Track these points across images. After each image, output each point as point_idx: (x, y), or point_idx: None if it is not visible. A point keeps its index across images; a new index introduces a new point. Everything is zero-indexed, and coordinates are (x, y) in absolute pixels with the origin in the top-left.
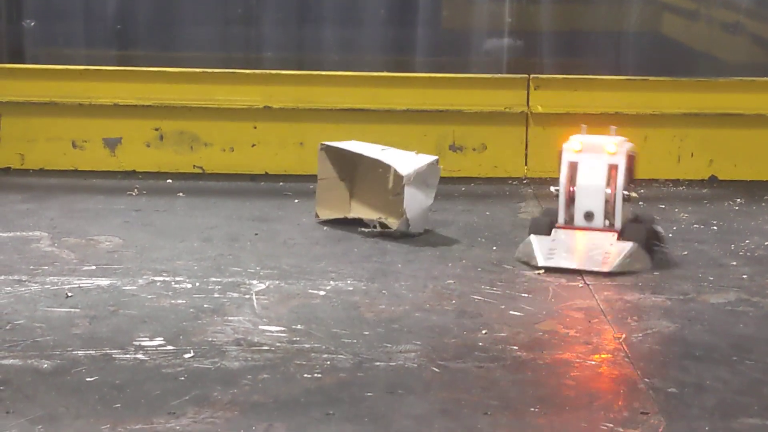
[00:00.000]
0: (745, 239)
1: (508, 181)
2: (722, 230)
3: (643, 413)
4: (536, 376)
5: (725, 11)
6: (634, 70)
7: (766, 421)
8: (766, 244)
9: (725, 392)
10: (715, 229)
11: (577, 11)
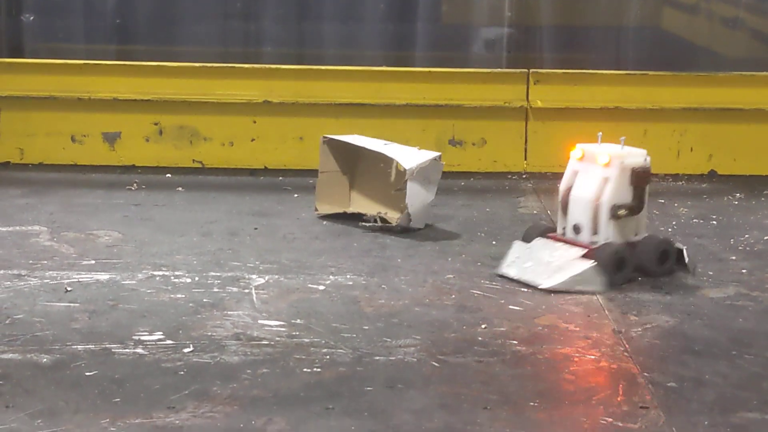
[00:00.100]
0: (744, 234)
1: (507, 175)
2: (722, 225)
3: (642, 407)
4: (536, 370)
5: (725, 6)
6: (633, 64)
7: (765, 415)
8: (765, 238)
9: (725, 387)
10: (714, 223)
11: (576, 6)
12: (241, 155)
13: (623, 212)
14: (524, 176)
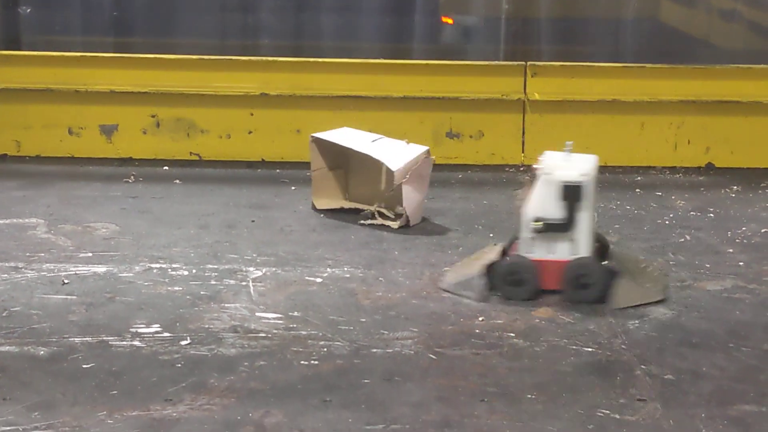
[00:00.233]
0: (741, 226)
1: (505, 168)
2: (719, 217)
3: (639, 400)
4: (533, 362)
5: None
6: (631, 57)
7: (762, 407)
8: (762, 231)
9: (721, 379)
10: (711, 216)
11: None
12: (238, 148)
13: (538, 226)
14: (522, 169)
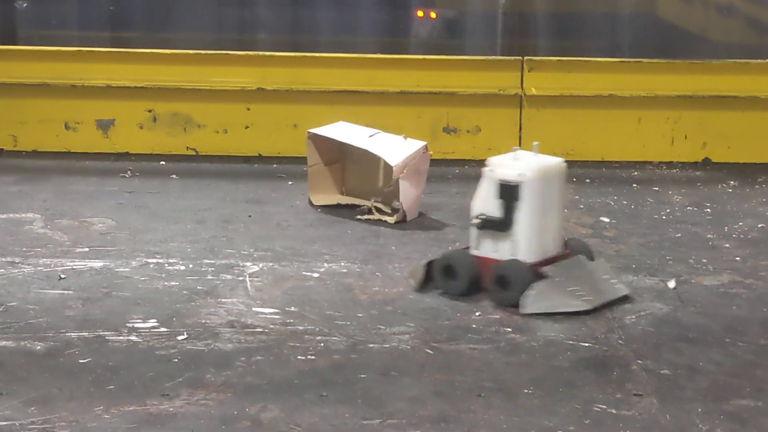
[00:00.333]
0: (738, 221)
1: None
2: (716, 212)
3: (636, 395)
4: (530, 357)
5: None
6: (628, 52)
7: (758, 402)
8: (759, 226)
9: (718, 374)
10: (708, 211)
11: None
12: (235, 142)
13: (476, 222)
14: None
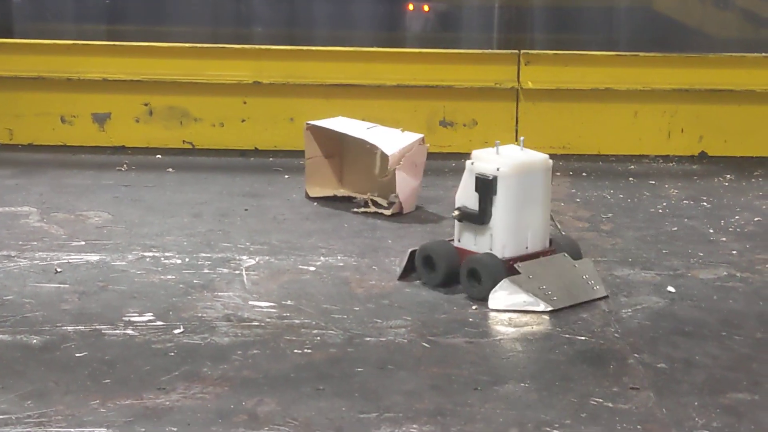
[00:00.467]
0: (734, 215)
1: None
2: (712, 206)
3: (632, 388)
4: (526, 351)
5: None
6: (625, 45)
7: (755, 396)
8: (755, 220)
9: (714, 368)
10: (705, 205)
11: None
12: (231, 136)
13: (456, 214)
14: None
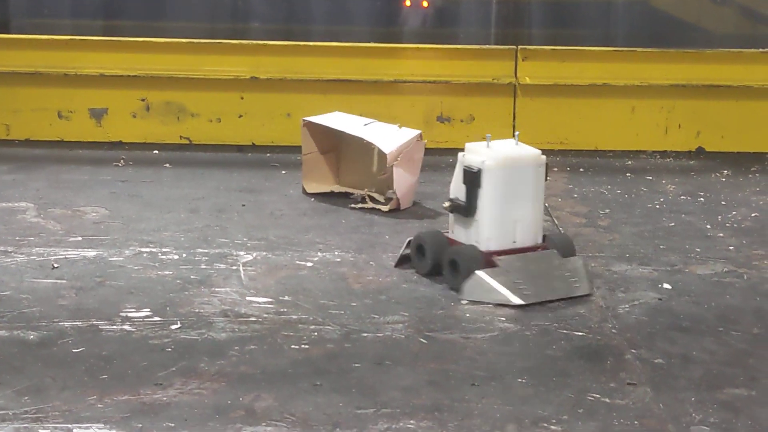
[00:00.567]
0: (732, 211)
1: None
2: (709, 202)
3: (629, 384)
4: (523, 347)
5: None
6: (622, 41)
7: (751, 391)
8: (752, 215)
9: (711, 363)
10: (702, 200)
11: None
12: (228, 131)
13: (446, 205)
14: None
